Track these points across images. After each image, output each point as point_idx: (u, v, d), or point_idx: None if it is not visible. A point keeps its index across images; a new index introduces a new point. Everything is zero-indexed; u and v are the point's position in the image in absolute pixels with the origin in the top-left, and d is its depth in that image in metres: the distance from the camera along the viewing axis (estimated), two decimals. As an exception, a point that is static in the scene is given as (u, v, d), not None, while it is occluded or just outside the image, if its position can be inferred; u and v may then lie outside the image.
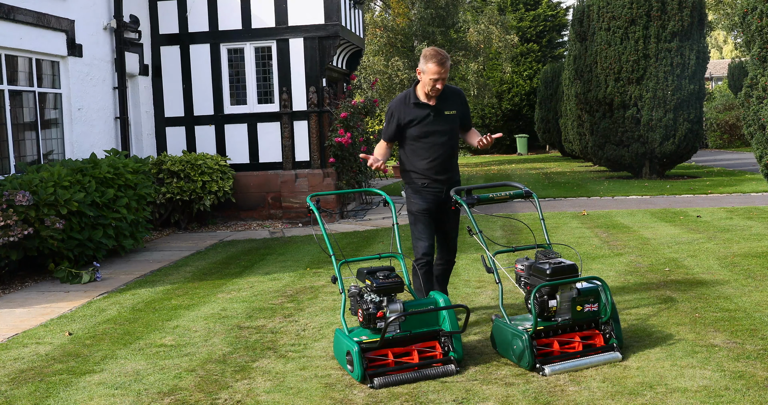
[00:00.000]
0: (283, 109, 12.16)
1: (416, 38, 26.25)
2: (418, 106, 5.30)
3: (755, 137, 11.84)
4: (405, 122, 5.32)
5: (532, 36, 36.17)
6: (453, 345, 4.52)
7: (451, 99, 5.36)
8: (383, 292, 4.54)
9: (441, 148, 5.33)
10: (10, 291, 7.54)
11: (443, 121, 5.32)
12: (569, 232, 9.84)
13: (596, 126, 18.09)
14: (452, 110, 5.34)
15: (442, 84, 5.17)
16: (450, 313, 4.59)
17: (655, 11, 16.83)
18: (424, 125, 5.30)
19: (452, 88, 5.46)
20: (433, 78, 5.11)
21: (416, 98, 5.31)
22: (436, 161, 5.34)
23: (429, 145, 5.32)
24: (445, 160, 5.37)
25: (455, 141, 5.47)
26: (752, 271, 6.91)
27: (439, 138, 5.32)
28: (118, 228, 8.86)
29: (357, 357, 4.31)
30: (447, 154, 5.37)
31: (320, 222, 5.05)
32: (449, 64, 5.19)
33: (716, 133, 31.88)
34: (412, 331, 4.53)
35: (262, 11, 12.20)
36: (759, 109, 11.45)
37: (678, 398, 3.91)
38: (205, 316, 6.10)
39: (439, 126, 5.31)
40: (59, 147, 10.07)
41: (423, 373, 4.38)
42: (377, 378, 4.30)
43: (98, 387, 4.47)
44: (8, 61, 9.03)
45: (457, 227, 5.57)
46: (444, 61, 5.11)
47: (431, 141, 5.32)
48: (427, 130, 5.30)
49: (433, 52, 5.13)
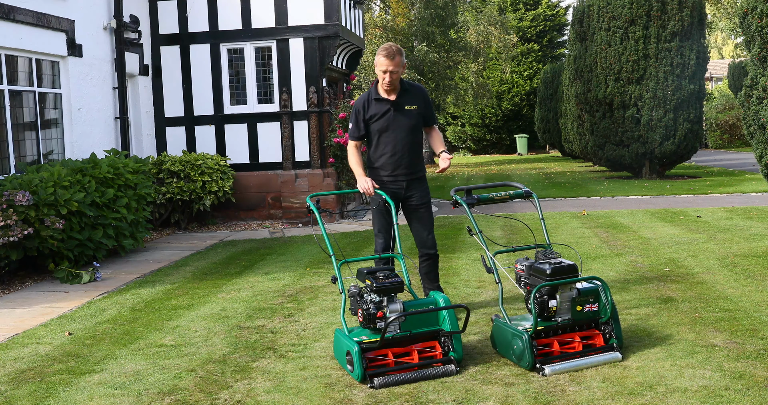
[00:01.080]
0: (283, 109, 12.16)
1: (416, 38, 26.25)
2: (379, 101, 5.49)
3: (755, 137, 11.84)
4: (367, 117, 5.52)
5: (532, 36, 36.18)
6: (453, 345, 4.53)
7: (412, 95, 5.53)
8: (383, 292, 4.55)
9: (401, 143, 5.50)
10: (10, 291, 7.54)
11: (403, 115, 5.49)
12: (569, 232, 9.84)
13: (596, 126, 18.09)
14: (413, 106, 5.51)
15: (393, 77, 5.33)
16: (450, 313, 4.59)
17: (655, 11, 16.83)
18: (385, 120, 5.48)
19: (414, 84, 5.63)
20: (382, 69, 5.31)
21: (377, 94, 5.50)
22: (396, 156, 5.50)
23: (390, 139, 5.49)
24: (405, 155, 5.52)
25: (417, 137, 5.60)
26: (752, 271, 6.91)
27: (399, 133, 5.48)
28: (118, 228, 8.86)
29: (357, 357, 4.31)
30: (408, 149, 5.52)
31: (320, 222, 5.06)
32: (400, 58, 5.36)
33: (716, 133, 31.89)
34: (412, 331, 4.53)
35: (262, 11, 12.20)
36: (759, 109, 11.45)
37: (678, 398, 3.91)
38: (205, 316, 6.11)
39: (400, 121, 5.48)
40: (59, 147, 10.07)
41: (423, 373, 4.38)
42: (377, 378, 4.30)
43: (98, 387, 4.47)
44: (8, 61, 9.03)
45: (430, 220, 5.64)
46: (392, 54, 5.30)
47: (392, 136, 5.49)
48: (388, 124, 5.48)
49: (384, 46, 5.38)
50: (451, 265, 7.85)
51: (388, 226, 5.47)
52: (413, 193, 5.58)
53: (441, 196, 15.66)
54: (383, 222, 5.51)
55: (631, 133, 17.46)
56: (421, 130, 5.65)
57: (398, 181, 5.53)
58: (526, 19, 36.14)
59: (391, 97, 5.47)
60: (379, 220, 5.54)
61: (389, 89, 5.44)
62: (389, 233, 5.48)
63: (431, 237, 5.64)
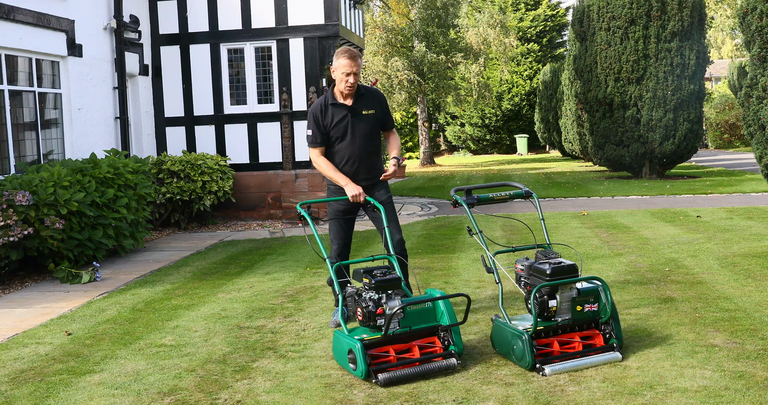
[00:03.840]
0: (283, 109, 12.17)
1: (416, 39, 26.25)
2: (335, 106, 5.39)
3: (755, 137, 11.84)
4: (325, 124, 5.40)
5: (532, 36, 36.18)
6: (453, 338, 4.57)
7: (368, 99, 5.44)
8: (382, 289, 4.58)
9: (359, 149, 5.42)
10: (10, 291, 7.54)
11: (361, 121, 5.40)
12: (569, 232, 9.84)
13: (596, 126, 18.10)
14: (370, 110, 5.43)
15: (355, 79, 5.26)
16: (448, 308, 4.64)
17: (655, 11, 16.83)
18: (343, 126, 5.38)
19: (370, 88, 5.55)
20: (345, 71, 5.23)
21: (333, 99, 5.41)
22: (355, 164, 5.43)
23: (347, 145, 5.41)
24: (363, 161, 5.44)
25: (375, 142, 5.52)
26: (752, 271, 6.91)
27: (357, 139, 5.40)
28: (118, 228, 8.86)
29: (360, 353, 4.31)
30: (366, 155, 5.45)
31: (313, 229, 5.08)
32: (360, 61, 5.31)
33: (716, 133, 31.89)
34: (412, 327, 4.57)
35: (262, 11, 12.21)
36: (759, 109, 11.45)
37: (678, 398, 3.91)
38: (205, 316, 6.10)
39: (358, 126, 5.39)
40: (59, 147, 10.07)
41: (426, 367, 4.41)
42: (381, 374, 4.31)
43: (98, 387, 4.47)
44: (8, 61, 9.03)
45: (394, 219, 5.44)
46: (354, 56, 5.25)
47: (350, 142, 5.40)
48: (346, 130, 5.38)
49: (344, 48, 5.31)
50: (451, 265, 7.85)
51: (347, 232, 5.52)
52: (373, 193, 5.50)
53: (441, 196, 15.66)
54: (339, 228, 5.52)
55: (631, 133, 17.46)
56: (379, 135, 5.57)
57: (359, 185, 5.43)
58: (526, 19, 36.14)
59: (348, 102, 5.38)
60: (335, 226, 5.52)
61: (348, 93, 5.33)
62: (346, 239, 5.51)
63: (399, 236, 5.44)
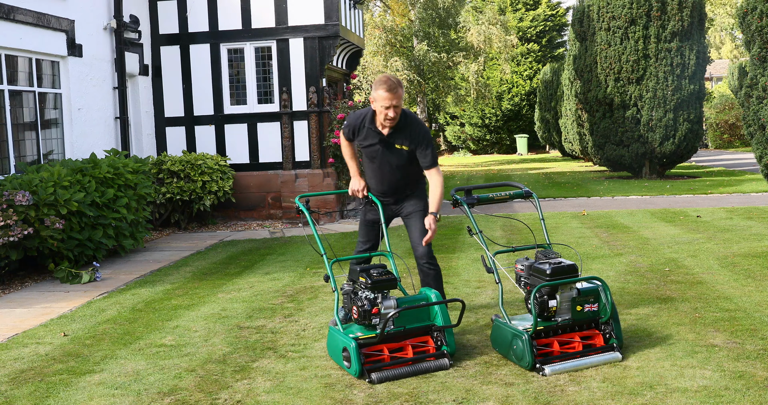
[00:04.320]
0: (283, 109, 12.16)
1: (417, 38, 26.25)
2: (372, 132, 5.12)
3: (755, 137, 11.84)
4: (358, 139, 5.23)
5: (532, 36, 36.17)
6: (446, 339, 4.60)
7: (405, 132, 5.07)
8: (378, 289, 4.59)
9: (388, 176, 5.20)
10: (10, 291, 7.54)
11: (391, 153, 5.11)
12: (569, 232, 9.84)
13: (596, 126, 18.10)
14: (403, 145, 5.07)
15: (395, 112, 4.93)
16: (442, 309, 4.67)
17: (655, 11, 16.83)
18: (373, 151, 5.17)
19: (414, 120, 5.16)
20: (384, 104, 4.90)
21: (372, 123, 5.10)
22: (384, 185, 5.26)
23: (377, 170, 5.23)
24: (391, 185, 5.24)
25: (407, 171, 5.20)
26: (752, 271, 6.91)
27: (386, 167, 5.18)
28: (118, 228, 8.86)
29: (354, 353, 4.34)
30: (395, 181, 5.22)
31: (311, 222, 5.08)
32: (402, 91, 4.96)
33: (716, 133, 31.89)
34: (406, 326, 4.61)
35: (262, 11, 12.21)
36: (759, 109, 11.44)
37: (678, 398, 3.91)
38: (205, 316, 6.10)
39: (387, 157, 5.14)
40: (59, 147, 10.07)
41: (418, 367, 4.44)
42: (375, 373, 4.33)
43: (98, 387, 4.47)
44: (8, 61, 9.03)
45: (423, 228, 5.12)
46: (394, 87, 4.87)
47: (379, 169, 5.21)
48: (375, 157, 5.19)
49: (384, 78, 4.94)
50: (451, 265, 7.85)
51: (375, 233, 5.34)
52: (402, 204, 5.31)
53: (441, 196, 15.64)
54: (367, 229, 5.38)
55: (631, 133, 17.46)
56: (412, 166, 5.17)
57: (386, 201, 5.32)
58: (526, 19, 36.13)
59: (384, 132, 5.07)
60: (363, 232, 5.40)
61: (388, 125, 5.02)
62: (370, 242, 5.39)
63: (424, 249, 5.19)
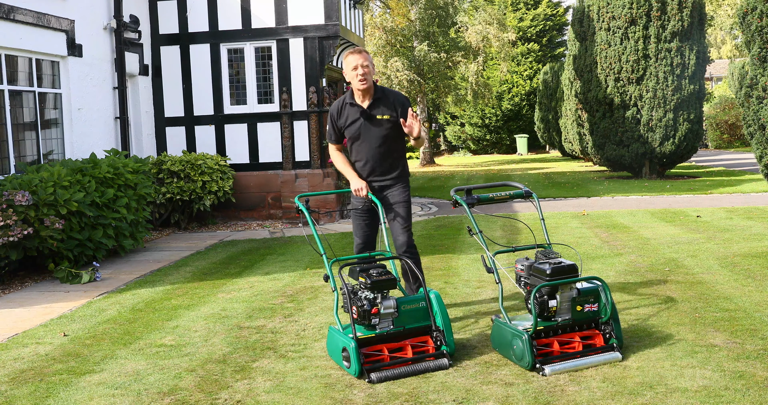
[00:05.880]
0: (283, 109, 12.16)
1: (416, 38, 26.25)
2: (352, 106, 5.33)
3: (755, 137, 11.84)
4: (340, 123, 5.38)
5: (532, 36, 36.17)
6: (445, 339, 4.61)
7: (386, 102, 5.29)
8: (377, 289, 4.59)
9: (372, 152, 5.32)
10: (10, 291, 7.54)
11: (374, 125, 5.28)
12: (569, 232, 9.84)
13: (596, 126, 18.09)
14: (385, 115, 5.27)
15: (365, 70, 5.14)
16: (441, 308, 4.70)
17: (655, 11, 16.83)
18: (356, 128, 5.32)
19: (391, 91, 5.42)
20: (352, 65, 5.15)
21: (352, 98, 5.34)
22: (368, 163, 5.36)
23: (362, 148, 5.35)
24: (377, 163, 5.35)
25: (393, 145, 5.37)
26: (752, 271, 6.91)
27: (371, 142, 5.31)
28: (118, 228, 8.86)
29: (354, 353, 4.35)
30: (381, 157, 5.34)
31: (310, 222, 5.08)
32: (368, 56, 5.23)
33: (716, 133, 31.89)
34: (405, 326, 4.63)
35: (262, 11, 12.21)
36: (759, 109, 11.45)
37: (678, 398, 3.91)
38: (205, 316, 6.10)
39: (371, 130, 5.29)
40: (59, 147, 10.07)
41: (417, 367, 4.45)
42: (374, 373, 4.34)
43: (98, 387, 4.47)
44: (8, 61, 9.03)
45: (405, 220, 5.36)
46: (360, 51, 5.20)
47: (364, 144, 5.34)
48: (359, 133, 5.32)
49: (349, 49, 5.25)
50: (451, 265, 7.85)
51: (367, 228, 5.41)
52: (387, 193, 5.42)
53: (441, 196, 15.66)
54: (360, 224, 5.44)
55: (631, 133, 17.46)
56: (395, 138, 5.36)
57: (372, 186, 5.41)
58: (526, 18, 36.13)
59: (364, 104, 5.28)
60: (354, 222, 5.47)
61: (364, 88, 5.20)
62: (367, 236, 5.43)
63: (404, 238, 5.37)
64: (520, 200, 5.28)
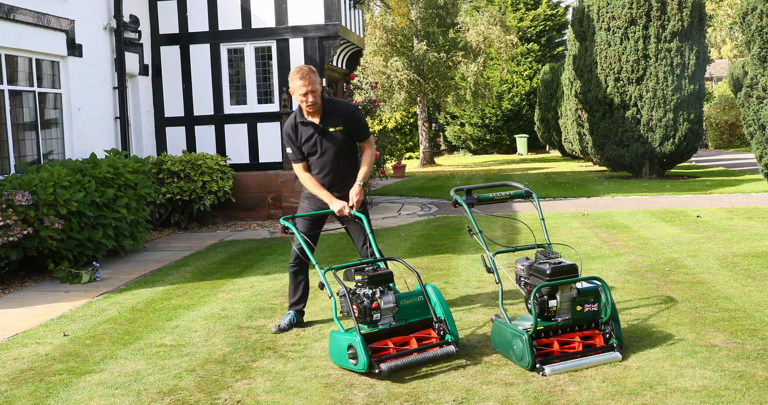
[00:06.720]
0: (283, 109, 12.16)
1: (417, 38, 26.24)
2: (304, 125, 5.41)
3: (755, 137, 11.84)
4: (297, 142, 5.44)
5: (532, 36, 36.16)
6: (449, 328, 4.68)
7: (336, 115, 5.40)
8: (375, 283, 4.65)
9: (331, 164, 5.43)
10: (10, 291, 7.54)
11: (329, 139, 5.39)
12: (569, 232, 9.84)
13: (596, 126, 18.09)
14: (338, 126, 5.39)
15: (313, 96, 5.24)
16: (441, 300, 4.79)
17: (655, 11, 16.83)
18: (312, 144, 5.41)
19: (339, 103, 5.53)
20: (302, 92, 5.22)
21: (302, 117, 5.41)
22: (328, 176, 5.45)
23: (320, 162, 5.44)
24: (338, 173, 5.46)
25: (348, 156, 5.50)
26: (752, 271, 6.91)
27: (328, 155, 5.41)
28: (118, 228, 8.86)
29: (360, 346, 4.35)
30: (338, 170, 5.45)
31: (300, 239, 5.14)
32: (315, 77, 5.27)
33: (716, 133, 31.89)
34: (408, 320, 4.70)
35: (262, 11, 12.21)
36: (759, 109, 11.45)
37: (678, 398, 3.91)
38: (205, 316, 6.11)
39: (326, 144, 5.40)
40: (59, 147, 10.07)
41: (425, 355, 4.52)
42: (383, 363, 4.37)
43: (98, 387, 4.47)
44: (8, 61, 9.03)
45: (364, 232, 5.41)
46: (306, 74, 5.23)
47: (321, 159, 5.42)
48: (315, 148, 5.41)
49: (296, 69, 5.30)
50: (451, 265, 7.85)
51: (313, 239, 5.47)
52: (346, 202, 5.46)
53: (441, 196, 15.66)
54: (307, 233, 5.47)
55: (631, 133, 17.46)
56: (352, 148, 5.52)
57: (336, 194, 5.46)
58: (526, 19, 36.12)
59: (315, 120, 5.37)
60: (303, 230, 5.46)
61: (312, 110, 5.32)
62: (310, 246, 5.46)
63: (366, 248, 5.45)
64: (520, 200, 5.28)
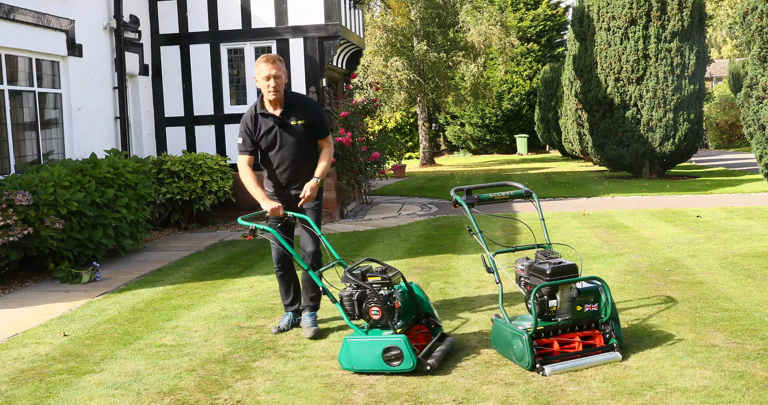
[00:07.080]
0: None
1: (417, 38, 26.24)
2: (264, 116, 5.30)
3: (755, 137, 11.85)
4: (255, 134, 5.32)
5: (532, 36, 36.15)
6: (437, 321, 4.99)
7: (298, 109, 5.31)
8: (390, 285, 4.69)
9: (290, 159, 5.33)
10: (10, 291, 7.54)
11: (289, 132, 5.30)
12: (569, 232, 9.84)
13: (596, 126, 18.09)
14: (299, 120, 5.30)
15: (276, 82, 5.16)
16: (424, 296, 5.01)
17: (655, 11, 16.83)
18: (272, 137, 5.30)
19: (302, 97, 5.44)
20: (264, 75, 5.15)
21: (262, 108, 5.30)
22: (286, 172, 5.36)
23: (278, 156, 5.34)
24: (294, 171, 5.37)
25: (307, 151, 5.39)
26: (752, 271, 6.91)
27: (287, 149, 5.31)
28: (118, 228, 8.86)
29: (405, 346, 4.37)
30: (297, 165, 5.36)
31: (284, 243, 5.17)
32: (281, 65, 5.22)
33: (716, 133, 31.89)
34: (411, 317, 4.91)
35: (262, 11, 12.21)
36: (759, 109, 11.45)
37: (678, 398, 3.91)
38: (205, 316, 6.11)
39: (286, 137, 5.30)
40: (59, 147, 10.07)
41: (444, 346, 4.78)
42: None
43: (98, 387, 4.48)
44: (8, 61, 9.03)
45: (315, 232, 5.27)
46: (272, 60, 5.18)
47: (280, 152, 5.32)
48: (275, 142, 5.31)
49: (263, 56, 5.25)
50: (451, 265, 7.85)
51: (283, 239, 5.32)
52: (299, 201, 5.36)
53: (441, 196, 15.66)
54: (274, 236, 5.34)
55: (631, 133, 17.45)
56: (311, 144, 5.42)
57: (286, 194, 5.42)
58: (526, 18, 36.11)
59: (276, 112, 5.27)
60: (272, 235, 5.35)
61: (274, 99, 5.21)
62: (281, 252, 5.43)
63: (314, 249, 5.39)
64: (520, 200, 5.28)
